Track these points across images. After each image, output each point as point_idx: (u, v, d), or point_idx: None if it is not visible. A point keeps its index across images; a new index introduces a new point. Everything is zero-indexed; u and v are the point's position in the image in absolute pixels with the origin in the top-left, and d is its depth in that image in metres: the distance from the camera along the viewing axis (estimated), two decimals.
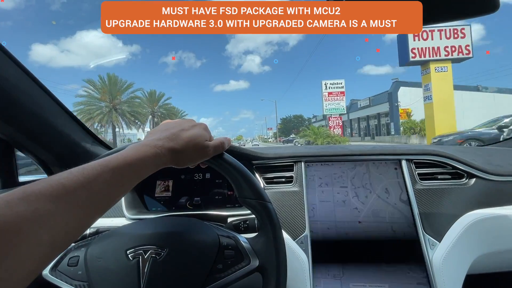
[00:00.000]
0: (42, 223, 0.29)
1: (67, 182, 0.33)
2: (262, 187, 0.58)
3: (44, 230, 0.29)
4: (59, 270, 0.55)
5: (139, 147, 0.44)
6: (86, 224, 0.36)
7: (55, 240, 0.31)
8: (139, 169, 0.42)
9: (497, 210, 0.81)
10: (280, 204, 0.87)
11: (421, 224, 0.80)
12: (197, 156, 0.50)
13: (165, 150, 0.46)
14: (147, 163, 0.43)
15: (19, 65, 0.72)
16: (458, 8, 0.52)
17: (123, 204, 0.88)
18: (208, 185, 0.99)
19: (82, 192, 0.34)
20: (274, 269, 0.53)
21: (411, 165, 0.90)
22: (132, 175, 0.41)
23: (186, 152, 0.48)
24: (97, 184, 0.36)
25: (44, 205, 0.30)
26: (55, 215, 0.31)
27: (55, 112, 0.86)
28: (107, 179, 0.37)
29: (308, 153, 0.96)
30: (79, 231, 0.36)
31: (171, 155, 0.46)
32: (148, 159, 0.43)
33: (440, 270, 0.73)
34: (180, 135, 0.49)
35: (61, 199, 0.32)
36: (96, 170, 0.36)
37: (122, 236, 0.57)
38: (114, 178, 0.38)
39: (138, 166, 0.42)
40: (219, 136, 0.57)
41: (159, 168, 0.46)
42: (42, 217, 0.30)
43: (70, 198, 0.33)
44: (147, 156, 0.43)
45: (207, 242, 0.56)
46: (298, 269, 0.77)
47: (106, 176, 0.37)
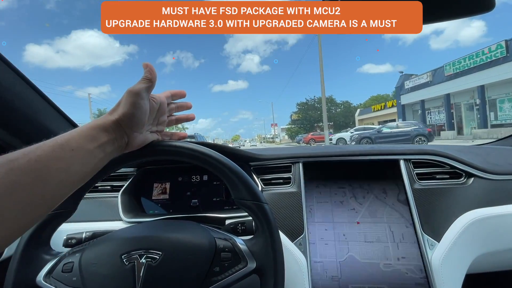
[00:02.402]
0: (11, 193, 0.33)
1: (11, 154, 0.36)
2: (258, 188, 0.57)
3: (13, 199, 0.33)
4: (53, 276, 0.54)
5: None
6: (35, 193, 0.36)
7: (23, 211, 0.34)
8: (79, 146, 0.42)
9: (496, 209, 0.81)
10: (278, 206, 0.86)
11: (420, 224, 0.80)
12: (125, 102, 0.49)
13: (108, 116, 0.48)
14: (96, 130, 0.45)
15: (12, 68, 0.71)
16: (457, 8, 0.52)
17: (120, 208, 0.87)
18: (205, 187, 0.99)
19: (22, 158, 0.35)
20: (272, 271, 0.52)
21: (409, 165, 0.91)
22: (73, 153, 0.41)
23: (120, 105, 0.49)
24: (37, 151, 0.37)
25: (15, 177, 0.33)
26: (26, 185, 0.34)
27: (49, 115, 0.85)
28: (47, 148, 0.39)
29: (305, 154, 0.96)
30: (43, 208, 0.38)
31: (110, 115, 0.48)
32: (94, 124, 0.45)
33: (439, 270, 0.73)
34: (118, 107, 0.50)
35: (2, 165, 0.34)
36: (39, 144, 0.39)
37: (116, 240, 0.56)
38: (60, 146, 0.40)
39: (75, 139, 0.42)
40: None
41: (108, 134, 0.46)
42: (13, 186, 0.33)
43: (11, 164, 0.34)
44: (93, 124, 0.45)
45: (203, 245, 0.55)
46: (296, 271, 0.76)
47: (48, 145, 0.39)
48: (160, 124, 0.60)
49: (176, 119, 0.64)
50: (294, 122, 50.79)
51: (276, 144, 45.11)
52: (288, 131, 53.43)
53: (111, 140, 0.46)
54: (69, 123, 0.93)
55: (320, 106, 48.83)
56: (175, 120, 0.64)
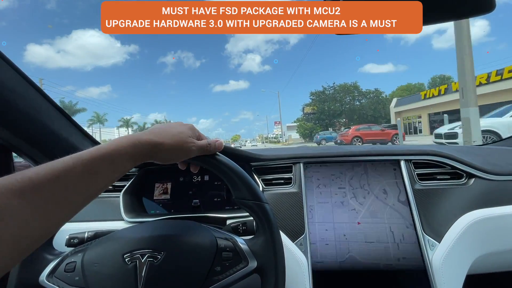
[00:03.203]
0: (7, 218, 0.28)
1: (35, 176, 0.31)
2: (259, 188, 0.57)
3: (9, 225, 0.28)
4: (56, 276, 0.54)
5: (117, 139, 0.42)
6: (56, 222, 0.34)
7: (18, 238, 0.29)
8: (113, 161, 0.40)
9: (497, 210, 0.81)
10: (279, 206, 0.87)
11: (421, 224, 0.80)
12: (179, 152, 0.49)
13: (144, 141, 0.44)
14: (122, 154, 0.41)
15: (15, 68, 0.71)
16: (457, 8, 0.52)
17: (122, 208, 0.88)
18: (207, 187, 0.99)
19: (51, 187, 0.32)
20: (273, 270, 0.52)
21: (410, 165, 0.91)
22: (107, 167, 0.39)
23: (166, 145, 0.46)
24: (67, 178, 0.34)
25: (7, 200, 0.28)
26: (19, 211, 0.29)
27: (52, 115, 0.85)
28: (79, 173, 0.35)
29: (306, 154, 0.96)
30: (48, 230, 0.33)
31: (150, 147, 0.45)
32: (123, 150, 0.41)
33: (440, 271, 0.73)
34: (163, 130, 0.49)
35: (27, 194, 0.30)
36: (66, 164, 0.35)
37: (118, 240, 0.57)
38: (87, 171, 0.36)
39: (113, 158, 0.39)
40: (218, 138, 0.57)
41: (138, 162, 0.44)
42: (8, 212, 0.28)
43: (37, 193, 0.31)
44: (122, 146, 0.41)
45: (204, 244, 0.55)
46: (297, 271, 0.76)
47: (77, 169, 0.35)
48: None
49: None
50: (308, 117, 41.73)
51: (283, 145, 32.83)
52: (300, 128, 41.72)
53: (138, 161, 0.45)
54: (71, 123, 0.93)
55: (342, 96, 38.81)
56: None
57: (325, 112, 37.99)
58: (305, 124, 40.60)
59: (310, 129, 38.59)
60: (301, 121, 43.22)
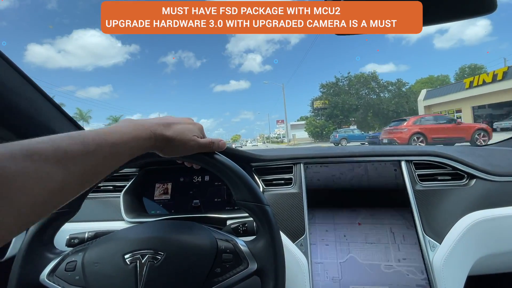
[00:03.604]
0: (41, 182, 0.31)
1: (69, 148, 0.34)
2: (260, 190, 0.57)
3: (42, 189, 0.31)
4: (57, 275, 0.55)
5: (137, 126, 0.45)
6: (77, 192, 0.37)
7: (48, 201, 0.32)
8: (132, 148, 0.43)
9: (498, 211, 0.81)
10: (279, 206, 0.86)
11: (421, 225, 0.80)
12: (181, 147, 0.51)
13: (160, 136, 0.47)
14: (140, 144, 0.44)
15: (16, 68, 0.71)
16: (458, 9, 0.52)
17: (122, 208, 0.88)
18: (207, 188, 0.99)
19: (81, 160, 0.35)
20: (273, 273, 0.52)
21: (411, 166, 0.90)
22: (127, 152, 0.42)
23: (172, 140, 0.49)
24: (95, 156, 0.37)
25: (46, 166, 0.31)
26: (54, 178, 0.32)
27: (53, 115, 0.85)
28: (105, 153, 0.38)
29: (307, 155, 0.96)
30: (70, 196, 0.36)
31: (160, 141, 0.48)
32: (141, 140, 0.44)
33: (441, 272, 0.73)
34: (174, 125, 0.50)
35: (62, 164, 0.33)
36: (95, 143, 0.37)
37: (119, 240, 0.57)
38: (111, 153, 0.39)
39: (133, 145, 0.43)
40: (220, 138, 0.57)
41: (145, 151, 0.46)
42: (43, 177, 0.31)
43: (70, 164, 0.34)
44: (141, 137, 0.44)
45: (205, 246, 0.55)
46: (297, 272, 0.76)
47: (105, 149, 0.38)
48: None
49: None
50: (318, 113, 36.02)
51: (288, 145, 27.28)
52: (309, 126, 35.59)
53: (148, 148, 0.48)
54: (71, 122, 0.94)
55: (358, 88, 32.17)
56: None
57: (339, 107, 31.94)
58: (314, 121, 35.26)
59: (321, 126, 33.64)
60: (310, 118, 37.69)
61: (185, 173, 1.01)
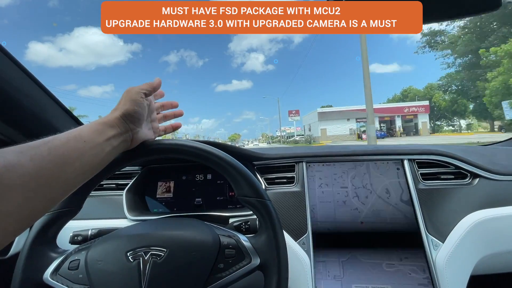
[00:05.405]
0: (10, 170, 0.34)
1: (32, 142, 0.38)
2: (261, 185, 0.57)
3: (13, 177, 0.34)
4: (60, 274, 0.55)
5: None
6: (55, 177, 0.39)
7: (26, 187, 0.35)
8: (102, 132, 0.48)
9: (501, 210, 0.80)
10: (281, 205, 0.87)
11: (424, 224, 0.79)
12: (126, 100, 0.53)
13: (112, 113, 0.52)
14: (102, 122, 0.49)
15: (20, 66, 0.72)
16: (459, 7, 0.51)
17: (125, 206, 0.88)
18: (209, 186, 0.99)
19: (43, 147, 0.38)
20: (276, 267, 0.53)
21: (414, 165, 0.90)
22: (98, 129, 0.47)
23: (121, 103, 0.53)
24: (55, 141, 0.41)
25: (10, 156, 0.35)
26: (21, 165, 0.35)
27: (56, 113, 0.86)
28: (68, 136, 0.43)
29: (309, 153, 0.96)
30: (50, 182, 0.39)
31: (114, 112, 0.52)
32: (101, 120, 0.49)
33: (443, 271, 0.72)
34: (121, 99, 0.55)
35: (26, 152, 0.36)
36: (59, 136, 0.42)
37: (122, 238, 0.57)
38: (75, 136, 0.44)
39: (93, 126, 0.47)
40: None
41: (114, 129, 0.50)
42: (9, 165, 0.34)
43: (33, 151, 0.37)
44: (103, 120, 0.49)
45: (207, 242, 0.56)
46: (300, 270, 0.76)
47: (66, 135, 0.43)
48: (153, 121, 0.64)
49: (164, 116, 0.69)
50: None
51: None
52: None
53: (117, 134, 0.50)
54: (74, 121, 0.94)
55: None
56: (163, 117, 0.68)
57: None
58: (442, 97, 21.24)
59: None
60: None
61: (187, 172, 1.02)
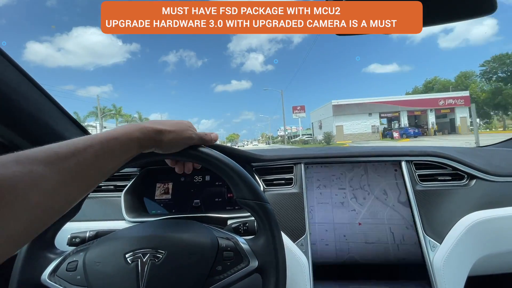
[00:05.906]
0: (34, 184, 0.31)
1: (59, 150, 0.35)
2: (260, 188, 0.57)
3: (36, 191, 0.31)
4: (58, 275, 0.55)
5: (129, 125, 0.47)
6: (76, 194, 0.38)
7: (46, 204, 0.32)
8: (124, 143, 0.44)
9: (498, 212, 0.81)
10: (279, 206, 0.86)
11: (422, 225, 0.80)
12: (181, 139, 0.53)
13: (149, 128, 0.49)
14: (132, 138, 0.46)
15: (18, 68, 0.72)
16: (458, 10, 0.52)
17: (123, 207, 0.88)
18: (208, 188, 0.99)
19: (72, 160, 0.36)
20: (274, 270, 0.52)
21: (411, 166, 0.90)
22: (119, 148, 0.44)
23: (169, 133, 0.51)
24: (86, 154, 0.38)
25: (37, 168, 0.32)
26: (47, 178, 0.32)
27: (55, 115, 0.85)
28: (96, 150, 0.39)
29: (307, 155, 0.96)
30: (69, 199, 0.37)
31: (155, 133, 0.49)
32: (133, 134, 0.46)
33: (441, 272, 0.73)
34: (164, 121, 0.53)
35: (53, 164, 0.34)
36: (85, 141, 0.39)
37: (120, 239, 0.57)
38: (102, 150, 0.40)
39: (123, 140, 0.44)
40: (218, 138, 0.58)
41: (144, 148, 0.48)
42: (35, 179, 0.31)
43: (62, 164, 0.35)
44: (131, 131, 0.46)
45: (205, 244, 0.55)
46: (298, 272, 0.76)
47: (95, 147, 0.39)
48: None
49: None
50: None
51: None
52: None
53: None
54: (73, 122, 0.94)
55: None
56: None
57: None
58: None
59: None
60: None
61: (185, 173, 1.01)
